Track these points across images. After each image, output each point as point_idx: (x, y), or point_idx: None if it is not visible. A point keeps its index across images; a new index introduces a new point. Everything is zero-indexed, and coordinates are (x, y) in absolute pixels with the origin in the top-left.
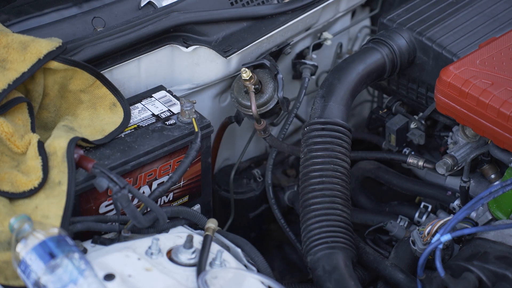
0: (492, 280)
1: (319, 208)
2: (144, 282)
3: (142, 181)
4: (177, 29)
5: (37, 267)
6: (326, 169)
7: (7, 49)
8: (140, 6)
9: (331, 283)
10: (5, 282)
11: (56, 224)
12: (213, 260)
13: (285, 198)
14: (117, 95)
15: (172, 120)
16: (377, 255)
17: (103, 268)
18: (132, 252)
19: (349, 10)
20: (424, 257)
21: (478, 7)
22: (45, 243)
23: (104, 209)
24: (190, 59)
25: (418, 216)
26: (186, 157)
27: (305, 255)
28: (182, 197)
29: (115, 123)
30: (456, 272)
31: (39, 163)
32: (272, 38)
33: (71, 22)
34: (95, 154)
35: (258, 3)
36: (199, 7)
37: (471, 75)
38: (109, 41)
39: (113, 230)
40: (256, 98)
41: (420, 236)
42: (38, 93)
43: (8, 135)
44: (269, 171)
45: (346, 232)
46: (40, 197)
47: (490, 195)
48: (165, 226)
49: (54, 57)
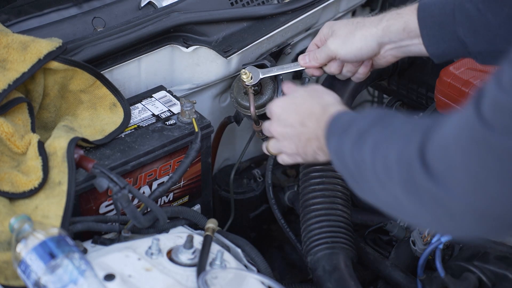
0: (493, 281)
1: (319, 208)
2: (144, 282)
3: (142, 181)
4: (177, 29)
5: (37, 267)
6: (326, 169)
7: (7, 49)
8: (140, 6)
9: (331, 283)
10: (5, 282)
11: (56, 224)
12: (213, 260)
13: (285, 198)
14: (117, 95)
15: (172, 120)
16: (377, 255)
17: (103, 268)
18: (132, 252)
19: (349, 10)
20: (424, 257)
21: None
22: (45, 243)
23: (104, 209)
24: (190, 59)
25: None
26: (186, 157)
27: (305, 255)
28: (182, 197)
29: (115, 123)
30: (456, 272)
31: (39, 163)
32: (272, 38)
33: (71, 22)
34: (95, 154)
35: (258, 3)
36: (199, 7)
37: (471, 75)
38: (109, 41)
39: (113, 230)
40: (256, 99)
41: (420, 236)
42: (38, 93)
43: (8, 135)
44: (269, 171)
45: (346, 232)
46: (40, 197)
47: None
48: (165, 226)
49: (54, 57)
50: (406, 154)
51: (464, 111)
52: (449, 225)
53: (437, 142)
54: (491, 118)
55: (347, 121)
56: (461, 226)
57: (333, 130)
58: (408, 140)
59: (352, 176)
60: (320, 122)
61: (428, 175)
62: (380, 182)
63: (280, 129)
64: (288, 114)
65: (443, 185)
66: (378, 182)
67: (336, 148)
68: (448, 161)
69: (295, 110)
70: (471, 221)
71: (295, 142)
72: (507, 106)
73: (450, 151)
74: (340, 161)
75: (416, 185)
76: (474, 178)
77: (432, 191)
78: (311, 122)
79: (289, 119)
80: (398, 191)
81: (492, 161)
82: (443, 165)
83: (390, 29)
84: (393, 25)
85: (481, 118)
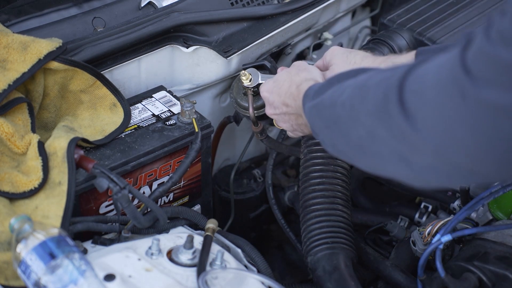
0: (493, 281)
1: (319, 208)
2: (145, 283)
3: (142, 182)
4: (178, 30)
5: (37, 268)
6: (326, 169)
7: (7, 49)
8: (140, 6)
9: (332, 284)
10: (5, 283)
11: (56, 224)
12: (214, 261)
13: (285, 198)
14: (117, 95)
15: (172, 120)
16: (378, 255)
17: (104, 268)
18: (133, 252)
19: (350, 10)
20: (425, 258)
21: (478, 7)
22: (45, 244)
23: (104, 209)
24: (191, 60)
25: (418, 216)
26: (186, 157)
27: (305, 255)
28: (183, 197)
29: (115, 123)
30: (456, 273)
31: (39, 163)
32: (272, 38)
33: (71, 22)
34: (95, 154)
35: (259, 4)
36: (199, 7)
37: None
38: (109, 41)
39: (113, 230)
40: (255, 100)
41: (420, 237)
42: (38, 93)
43: (8, 135)
44: (269, 171)
45: (346, 232)
46: (40, 197)
47: (491, 196)
48: (166, 227)
49: (54, 57)
50: (385, 83)
51: (449, 53)
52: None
53: (416, 75)
54: (474, 67)
55: (320, 84)
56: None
57: (308, 97)
58: (390, 74)
59: (326, 123)
60: (297, 101)
61: (401, 108)
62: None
63: (272, 111)
64: (274, 96)
65: (413, 119)
66: (351, 116)
67: (310, 106)
68: (422, 96)
69: (278, 92)
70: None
71: (287, 121)
72: (492, 58)
73: (426, 86)
74: (315, 115)
75: (388, 114)
76: (444, 121)
77: (402, 126)
78: (290, 101)
79: (275, 101)
80: (367, 121)
81: (466, 110)
82: (417, 99)
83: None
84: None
85: (464, 66)
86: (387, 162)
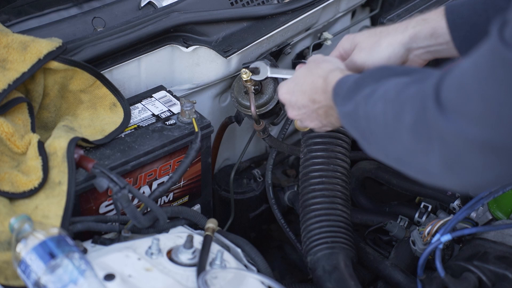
0: (492, 280)
1: (319, 208)
2: (144, 282)
3: (142, 181)
4: (177, 29)
5: (37, 267)
6: (326, 169)
7: (7, 49)
8: (140, 6)
9: (331, 283)
10: (5, 282)
11: (56, 224)
12: (213, 260)
13: (285, 198)
14: (117, 95)
15: (172, 120)
16: (377, 255)
17: (103, 268)
18: (132, 252)
19: (349, 10)
20: (424, 257)
21: None
22: (45, 243)
23: (104, 209)
24: (190, 59)
25: (418, 216)
26: (186, 157)
27: (305, 255)
28: (182, 197)
29: (115, 123)
30: (456, 272)
31: (39, 163)
32: (272, 38)
33: (71, 22)
34: (95, 154)
35: (258, 3)
36: (199, 7)
37: None
38: (109, 41)
39: (113, 230)
40: (256, 99)
41: (420, 236)
42: (38, 93)
43: (8, 135)
44: (269, 171)
45: (346, 232)
46: (40, 197)
47: (490, 195)
48: (165, 226)
49: (54, 57)
50: (421, 93)
51: (484, 44)
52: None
53: (453, 75)
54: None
55: (352, 82)
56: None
57: (339, 96)
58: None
59: (363, 134)
60: (327, 93)
61: (439, 109)
62: (388, 133)
63: (296, 112)
64: (296, 97)
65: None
66: (387, 133)
67: (344, 112)
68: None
69: (301, 90)
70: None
71: (316, 118)
72: None
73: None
74: (350, 123)
75: (426, 124)
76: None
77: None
78: (319, 96)
79: (299, 101)
80: (406, 138)
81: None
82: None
83: (417, 36)
84: (420, 31)
85: (505, 42)
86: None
